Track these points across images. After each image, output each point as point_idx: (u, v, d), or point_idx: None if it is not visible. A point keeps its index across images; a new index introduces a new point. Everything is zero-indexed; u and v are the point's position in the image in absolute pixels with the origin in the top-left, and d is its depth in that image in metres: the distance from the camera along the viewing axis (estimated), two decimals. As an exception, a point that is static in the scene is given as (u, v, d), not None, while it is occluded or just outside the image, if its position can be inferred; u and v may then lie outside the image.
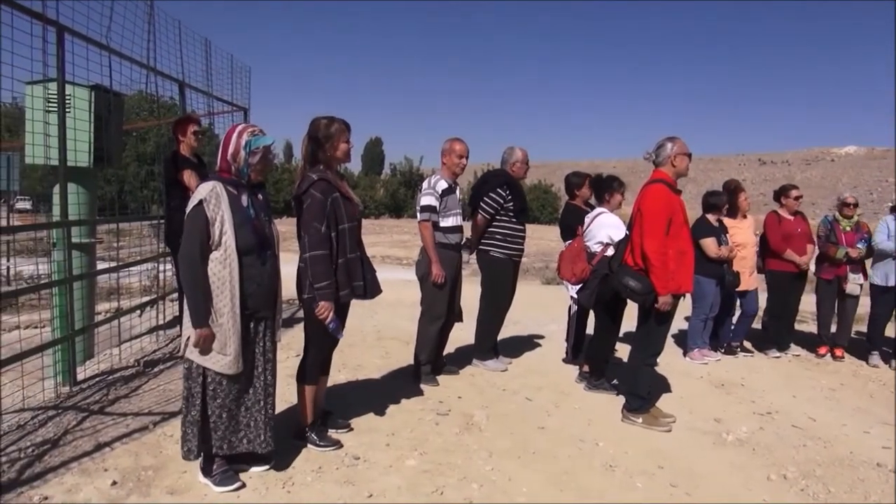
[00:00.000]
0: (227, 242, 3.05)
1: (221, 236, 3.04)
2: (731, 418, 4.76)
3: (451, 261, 4.97)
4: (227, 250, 3.05)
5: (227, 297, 3.06)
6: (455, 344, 5.81)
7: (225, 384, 3.14)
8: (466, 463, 3.69)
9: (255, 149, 3.16)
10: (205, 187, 3.07)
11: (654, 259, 4.24)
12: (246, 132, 3.19)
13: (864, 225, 6.76)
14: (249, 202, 3.21)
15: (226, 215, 3.05)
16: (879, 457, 4.21)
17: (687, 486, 3.60)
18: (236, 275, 3.07)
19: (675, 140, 4.51)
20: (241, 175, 3.18)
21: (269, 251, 3.26)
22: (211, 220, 3.02)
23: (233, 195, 3.13)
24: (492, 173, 5.75)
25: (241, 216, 3.12)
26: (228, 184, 3.13)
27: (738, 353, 6.68)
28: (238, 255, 3.07)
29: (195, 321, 3.02)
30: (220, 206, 3.05)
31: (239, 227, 3.09)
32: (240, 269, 3.08)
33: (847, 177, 76.73)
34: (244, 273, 3.11)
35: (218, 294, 3.05)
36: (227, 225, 3.05)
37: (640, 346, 4.63)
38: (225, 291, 3.06)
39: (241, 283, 3.09)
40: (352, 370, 5.37)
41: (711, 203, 6.36)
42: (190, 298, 3.04)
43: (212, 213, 3.02)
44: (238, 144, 3.14)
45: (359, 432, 4.01)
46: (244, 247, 3.11)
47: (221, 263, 3.05)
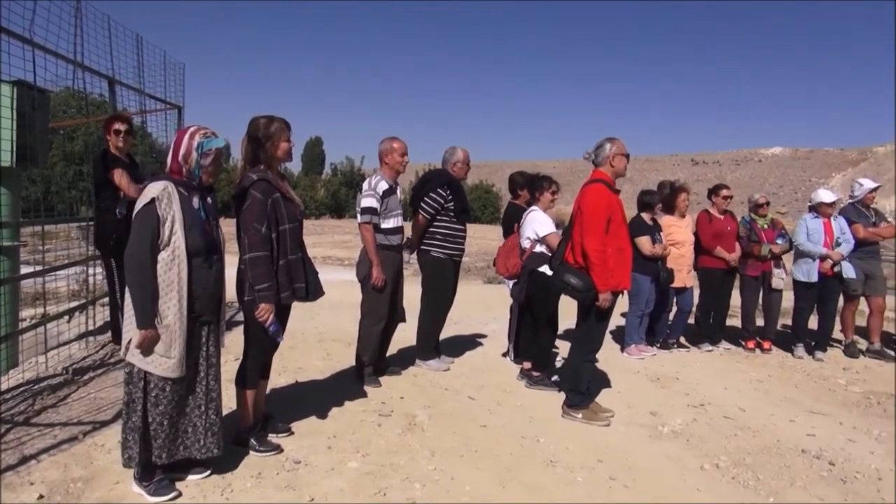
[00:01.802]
0: (175, 243, 2.98)
1: (171, 237, 2.98)
2: (666, 411, 4.91)
3: (393, 262, 4.96)
4: (175, 251, 2.98)
5: (174, 299, 2.99)
6: (397, 344, 5.80)
7: (168, 390, 3.05)
8: (409, 463, 3.68)
9: (208, 150, 3.11)
10: (157, 186, 2.99)
11: (595, 257, 4.33)
12: (198, 134, 3.12)
13: (778, 221, 7.09)
14: (200, 204, 3.15)
15: (177, 216, 2.98)
16: (804, 444, 4.41)
17: (625, 478, 3.68)
18: (185, 276, 3.00)
19: (614, 141, 4.61)
20: (192, 177, 3.12)
21: (215, 255, 3.20)
22: (162, 219, 2.95)
23: (184, 196, 3.06)
24: (433, 173, 5.76)
25: (191, 218, 3.06)
26: (179, 185, 3.06)
27: (674, 348, 6.89)
28: (187, 257, 3.00)
29: (140, 322, 2.93)
30: (172, 206, 2.98)
31: (189, 228, 3.03)
32: (188, 272, 3.01)
33: (773, 176, 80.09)
34: (191, 276, 3.04)
35: (164, 296, 2.98)
36: (177, 225, 2.98)
37: (580, 343, 4.72)
38: (171, 293, 2.98)
39: (189, 287, 3.02)
40: (293, 373, 5.29)
41: (645, 202, 6.54)
42: (136, 298, 2.95)
43: (163, 212, 2.95)
44: (190, 146, 3.08)
45: (300, 436, 3.96)
46: (193, 249, 3.04)
47: (169, 265, 2.98)
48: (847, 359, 6.84)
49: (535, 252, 5.30)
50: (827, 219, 6.75)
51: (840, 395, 5.66)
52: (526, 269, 5.32)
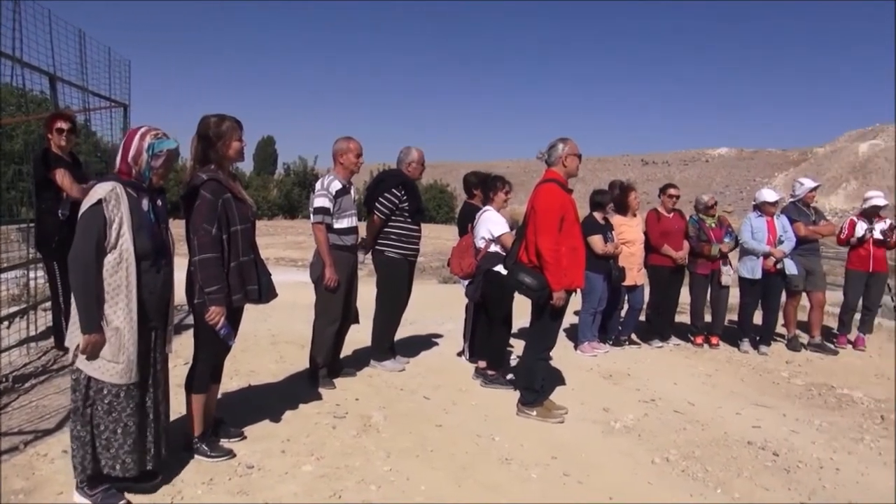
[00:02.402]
0: (123, 246, 2.90)
1: (118, 239, 2.89)
2: (618, 407, 4.99)
3: (347, 262, 4.92)
4: (123, 254, 2.90)
5: (121, 303, 2.90)
6: (352, 345, 5.76)
7: (122, 397, 2.96)
8: (364, 465, 3.66)
9: (159, 152, 3.03)
10: (104, 187, 2.89)
11: (548, 256, 4.38)
12: (149, 135, 3.04)
13: (724, 219, 7.30)
14: (150, 207, 3.06)
15: (125, 217, 2.90)
16: (750, 436, 4.54)
17: (579, 474, 3.73)
18: (133, 280, 2.92)
19: (567, 141, 4.67)
20: (142, 178, 3.03)
21: (164, 259, 3.12)
22: (109, 221, 2.86)
23: (133, 198, 2.97)
24: (387, 173, 5.74)
25: (139, 220, 2.97)
26: (128, 186, 2.97)
27: (625, 344, 7.02)
28: (135, 260, 2.92)
29: (85, 326, 2.83)
30: (120, 207, 2.89)
31: (137, 231, 2.94)
32: (136, 275, 2.93)
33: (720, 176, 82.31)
34: (139, 280, 2.96)
35: (110, 300, 2.89)
36: (125, 228, 2.90)
37: (534, 341, 4.77)
38: (119, 297, 2.90)
39: (137, 290, 2.94)
40: (245, 376, 5.21)
41: (597, 201, 6.64)
42: (80, 302, 2.85)
43: (111, 214, 2.86)
44: (140, 147, 3.00)
45: (253, 440, 3.89)
46: (142, 252, 2.96)
47: (116, 268, 2.89)
48: (790, 352, 7.08)
49: (490, 252, 5.34)
50: (770, 217, 6.98)
51: (783, 388, 5.85)
52: (481, 268, 5.35)
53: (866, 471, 4.10)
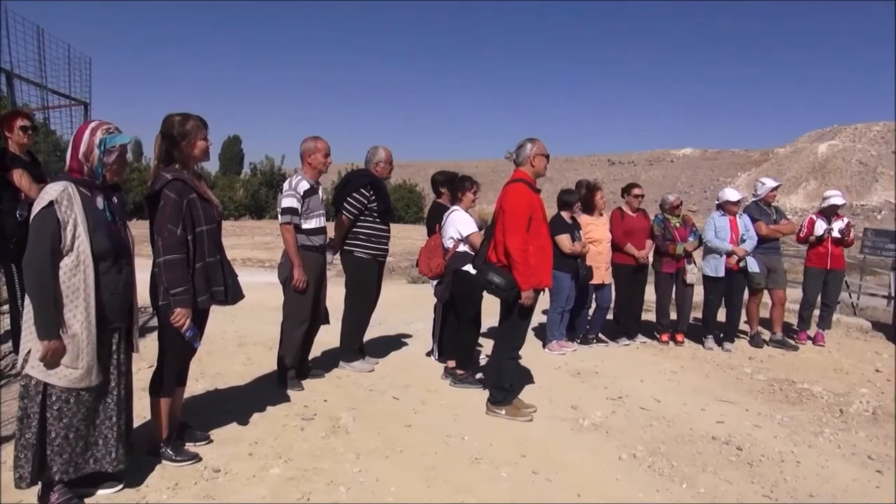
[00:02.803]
0: (80, 248, 2.82)
1: (74, 241, 2.81)
2: (586, 405, 5.04)
3: (315, 263, 4.89)
4: (80, 256, 2.82)
5: (80, 306, 2.83)
6: (320, 347, 5.72)
7: (73, 402, 2.89)
8: (333, 467, 3.64)
9: (111, 147, 2.96)
10: (55, 188, 2.81)
11: (517, 255, 4.40)
12: (100, 130, 2.96)
13: (688, 218, 7.43)
14: (105, 205, 2.99)
15: (79, 218, 2.81)
16: (714, 431, 4.63)
17: (548, 471, 3.76)
18: (91, 282, 2.84)
19: (535, 141, 4.70)
20: (94, 175, 2.95)
21: (124, 258, 3.05)
22: (63, 223, 2.77)
23: (86, 197, 2.89)
24: (355, 173, 5.71)
25: (95, 219, 2.89)
26: (81, 184, 2.89)
27: (593, 343, 7.09)
28: (93, 261, 2.85)
29: (43, 333, 2.76)
30: (73, 208, 2.81)
31: (93, 231, 2.86)
32: (95, 277, 2.86)
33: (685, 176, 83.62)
34: (99, 281, 2.88)
35: (69, 304, 2.81)
36: (80, 229, 2.81)
37: (503, 340, 4.79)
38: (78, 301, 2.82)
39: (96, 292, 2.87)
40: (211, 379, 5.13)
41: (564, 201, 6.69)
42: (37, 308, 2.77)
43: (63, 215, 2.78)
44: (91, 143, 2.92)
45: (219, 443, 3.84)
46: (99, 252, 2.88)
47: (73, 270, 2.81)
48: (752, 348, 7.23)
49: (459, 251, 5.35)
50: (733, 216, 7.11)
51: (746, 384, 5.97)
52: (450, 268, 5.36)
53: (826, 463, 4.21)
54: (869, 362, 6.86)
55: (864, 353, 7.19)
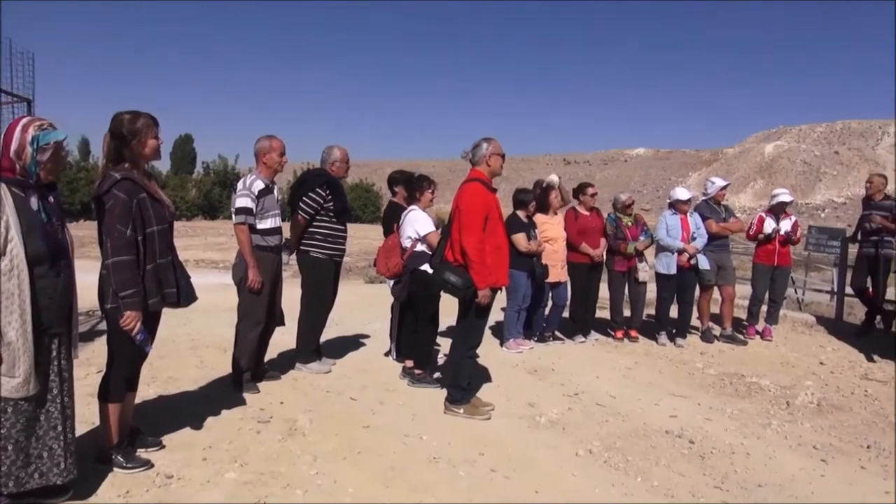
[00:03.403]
0: (13, 251, 2.70)
1: (6, 244, 2.68)
2: (543, 402, 5.09)
3: (271, 263, 4.82)
4: (13, 260, 2.70)
5: (15, 313, 2.71)
6: (276, 348, 5.64)
7: (10, 412, 2.77)
8: (290, 470, 3.60)
9: (45, 145, 2.84)
10: None
11: (473, 254, 4.42)
12: (32, 126, 2.84)
13: (640, 218, 7.58)
14: (40, 205, 2.87)
15: (11, 220, 2.69)
16: (668, 425, 4.73)
17: (505, 469, 3.79)
18: (26, 287, 2.72)
19: (491, 141, 4.72)
20: (28, 174, 2.83)
21: (62, 260, 2.94)
22: None
23: (19, 197, 2.77)
24: (311, 173, 5.65)
25: (29, 221, 2.77)
26: (13, 184, 2.77)
27: (550, 340, 7.16)
28: (28, 265, 2.74)
29: None
30: (4, 209, 2.69)
31: (28, 233, 2.74)
32: (30, 281, 2.75)
33: (638, 175, 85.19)
34: (35, 285, 2.77)
35: (3, 310, 2.69)
36: (13, 231, 2.69)
37: (461, 339, 4.80)
38: (12, 307, 2.70)
39: (33, 297, 2.76)
40: (163, 383, 5.02)
41: (520, 200, 6.74)
42: None
43: None
44: (23, 140, 2.80)
45: (172, 449, 3.76)
46: (34, 256, 2.77)
47: (7, 276, 2.69)
48: (704, 344, 7.40)
49: (416, 251, 5.34)
50: (684, 215, 7.27)
51: (698, 378, 6.12)
52: (407, 268, 5.34)
53: (774, 454, 4.34)
54: (814, 355, 7.10)
55: (809, 347, 7.44)
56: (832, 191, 66.93)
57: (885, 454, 4.50)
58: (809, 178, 70.44)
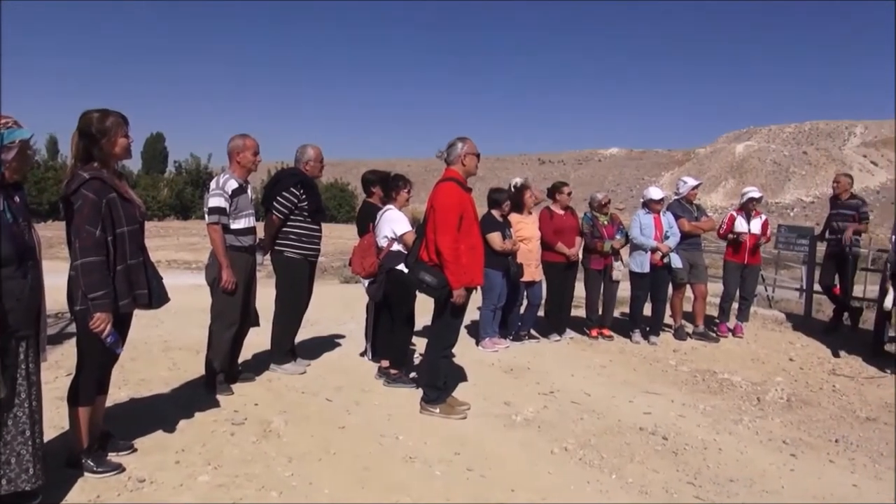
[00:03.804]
0: None
1: None
2: (519, 400, 5.12)
3: (244, 264, 4.77)
4: None
5: None
6: (250, 349, 5.59)
7: None
8: (265, 472, 3.57)
9: (10, 143, 2.78)
10: None
11: (448, 254, 4.42)
12: None
13: (616, 217, 7.64)
14: (5, 205, 2.81)
15: None
16: (641, 422, 4.78)
17: (481, 468, 3.80)
18: None
19: (465, 140, 4.73)
20: None
21: (30, 261, 2.88)
22: None
23: None
24: (285, 172, 5.62)
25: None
26: None
27: (525, 339, 7.20)
28: None
29: None
30: None
31: None
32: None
33: (612, 175, 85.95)
34: (1, 287, 2.71)
35: None
36: None
37: (437, 339, 4.80)
38: None
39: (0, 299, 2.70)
40: (135, 386, 4.94)
41: (494, 199, 6.76)
42: None
43: None
44: None
45: (144, 452, 3.70)
46: (2, 257, 2.71)
47: None
48: (676, 341, 7.49)
49: (392, 251, 5.33)
50: (657, 214, 7.35)
51: (671, 375, 6.19)
52: (383, 267, 5.33)
53: (745, 449, 4.41)
54: (783, 352, 7.23)
55: (779, 344, 7.56)
56: (801, 190, 68.16)
57: (853, 448, 4.60)
58: (779, 177, 71.65)
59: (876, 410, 5.46)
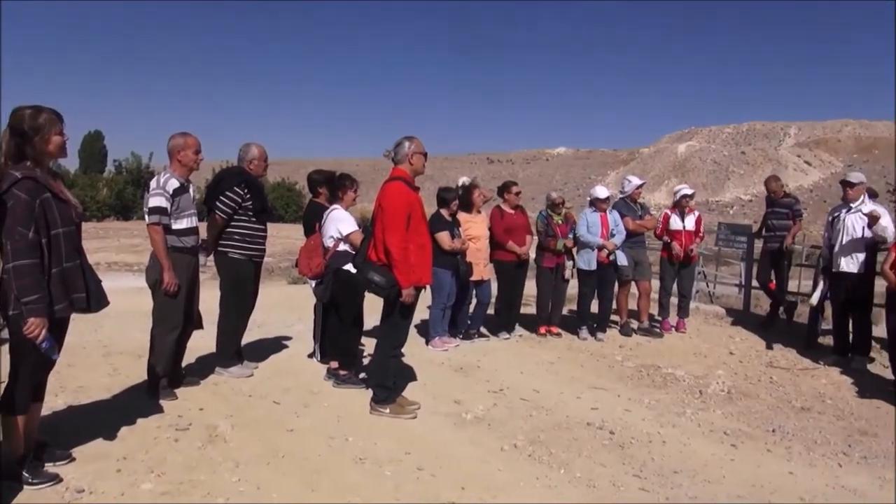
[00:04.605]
0: None
1: None
2: (469, 399, 5.14)
3: (187, 265, 4.66)
4: None
5: None
6: (195, 352, 5.46)
7: None
8: (211, 478, 3.49)
9: None
10: None
11: (396, 253, 4.41)
12: None
13: (570, 215, 7.75)
14: None
15: None
16: (589, 417, 4.87)
17: (432, 467, 3.80)
18: None
19: (413, 139, 4.72)
20: None
21: None
22: None
23: None
24: (227, 171, 5.51)
25: None
26: None
27: (475, 338, 7.23)
28: None
29: None
30: None
31: None
32: None
33: (559, 174, 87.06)
34: None
35: None
36: None
37: (386, 338, 4.78)
38: None
39: None
40: (73, 392, 4.76)
41: (443, 198, 6.78)
42: None
43: None
44: None
45: (83, 461, 3.57)
46: None
47: None
48: (622, 337, 7.64)
49: (339, 251, 5.28)
50: (603, 212, 7.48)
51: (617, 371, 6.32)
52: (330, 268, 5.28)
53: (688, 441, 4.54)
54: (724, 346, 7.46)
55: (720, 338, 7.80)
56: (739, 189, 70.35)
57: (789, 437, 4.79)
58: (719, 176, 73.80)
59: (810, 401, 5.69)
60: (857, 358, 6.64)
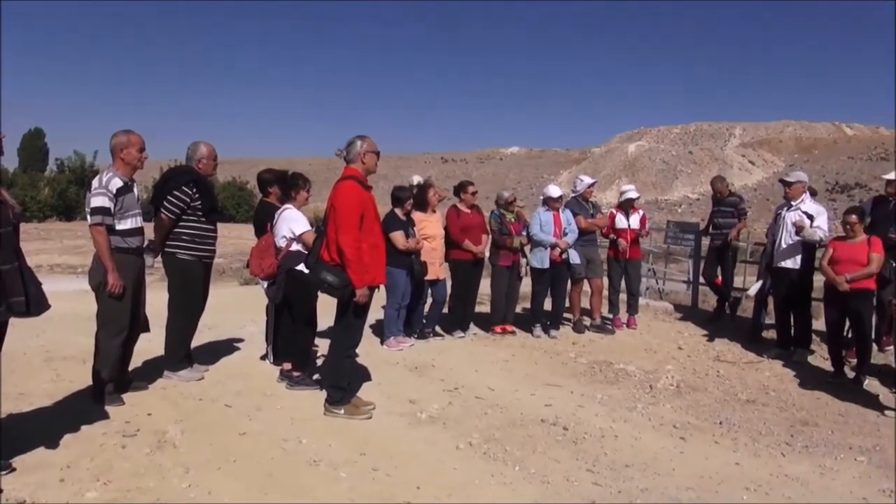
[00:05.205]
0: None
1: None
2: (424, 398, 5.14)
3: (132, 266, 4.54)
4: None
5: None
6: (142, 356, 5.32)
7: None
8: (160, 484, 3.41)
9: None
10: None
11: (350, 253, 4.37)
12: None
13: (521, 214, 7.82)
14: None
15: None
16: (543, 414, 4.92)
17: (387, 467, 3.79)
18: None
19: (365, 138, 4.69)
20: None
21: None
22: None
23: None
24: (175, 170, 5.39)
25: None
26: None
27: (430, 337, 7.23)
28: None
29: None
30: None
31: None
32: None
33: (513, 173, 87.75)
34: None
35: None
36: None
37: (340, 339, 4.75)
38: None
39: None
40: (13, 400, 4.57)
41: (397, 197, 6.75)
42: None
43: None
44: None
45: (25, 471, 3.45)
46: None
47: None
48: (575, 334, 7.74)
49: (292, 251, 5.22)
50: (556, 211, 7.57)
51: (570, 367, 6.40)
52: (282, 268, 5.21)
53: (639, 435, 4.63)
54: (673, 341, 7.63)
55: (669, 333, 7.98)
56: (687, 188, 72.05)
57: (735, 429, 4.92)
58: (668, 175, 75.46)
59: (755, 393, 5.87)
60: (798, 351, 6.87)
